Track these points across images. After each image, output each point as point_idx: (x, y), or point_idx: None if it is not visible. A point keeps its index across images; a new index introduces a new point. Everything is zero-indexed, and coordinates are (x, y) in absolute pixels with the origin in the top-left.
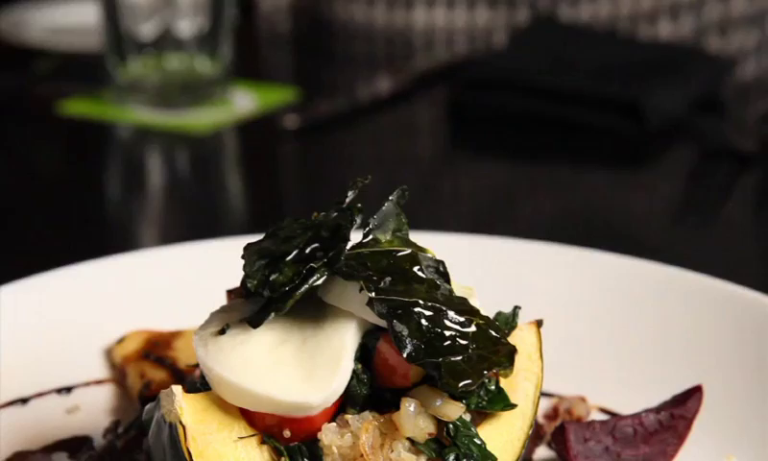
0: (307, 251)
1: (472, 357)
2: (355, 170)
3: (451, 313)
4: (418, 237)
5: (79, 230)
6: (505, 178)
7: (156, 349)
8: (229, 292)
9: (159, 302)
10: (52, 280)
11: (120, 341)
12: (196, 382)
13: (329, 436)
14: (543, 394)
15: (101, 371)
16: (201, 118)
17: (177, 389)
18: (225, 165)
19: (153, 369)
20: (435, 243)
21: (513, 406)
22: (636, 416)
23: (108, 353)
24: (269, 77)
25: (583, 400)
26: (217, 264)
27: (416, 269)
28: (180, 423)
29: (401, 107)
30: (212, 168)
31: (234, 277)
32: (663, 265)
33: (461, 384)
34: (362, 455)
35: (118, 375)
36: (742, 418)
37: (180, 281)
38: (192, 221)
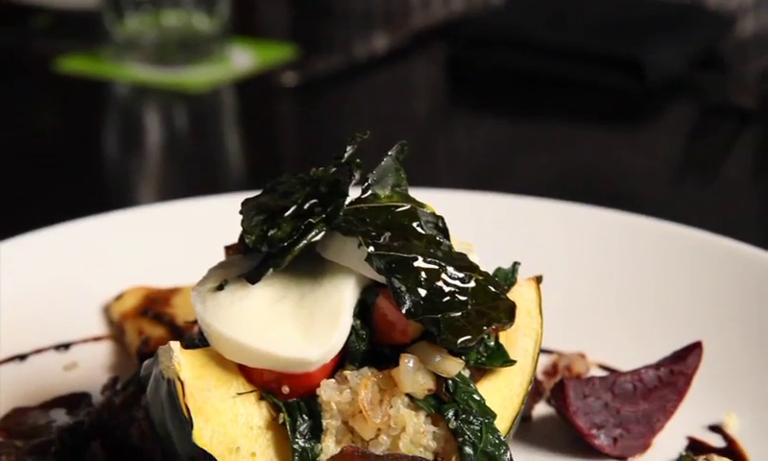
0: (306, 206)
1: (471, 313)
2: (353, 127)
3: (450, 269)
4: (416, 194)
5: (76, 187)
6: (503, 135)
7: (155, 305)
8: (228, 248)
9: (157, 258)
10: (49, 237)
11: (118, 298)
12: (194, 339)
13: (328, 392)
14: (543, 350)
15: (99, 327)
16: (198, 76)
17: (175, 345)
18: (222, 123)
19: (151, 325)
20: (434, 200)
21: (512, 362)
22: (636, 372)
23: (107, 310)
24: (266, 34)
25: (582, 356)
26: (215, 220)
27: (415, 224)
28: (179, 379)
29: (399, 64)
30: (210, 125)
31: (232, 233)
32: (663, 221)
33: (460, 340)
34: (361, 411)
35: (116, 331)
36: (742, 374)
37: (178, 238)
38: (190, 178)
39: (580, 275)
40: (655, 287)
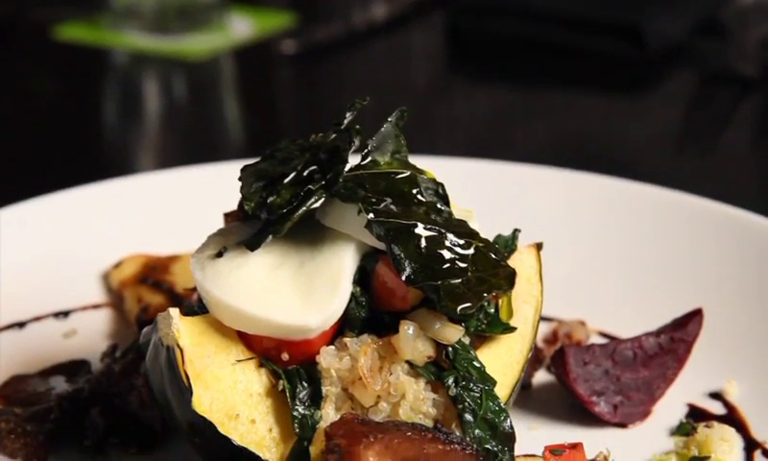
0: (305, 173)
1: (472, 280)
2: (352, 95)
3: (450, 236)
4: (416, 161)
5: (75, 155)
6: (503, 103)
7: (154, 273)
8: (227, 215)
9: (157, 226)
10: (48, 205)
11: (117, 265)
12: (193, 306)
13: (328, 359)
14: (543, 318)
15: (98, 295)
16: (197, 43)
17: (174, 312)
18: (221, 91)
19: (150, 293)
20: (433, 167)
21: (512, 329)
22: (636, 339)
23: (106, 278)
24: (265, 2)
25: (582, 323)
26: (214, 188)
27: (415, 191)
28: (178, 346)
29: (398, 32)
30: (209, 93)
31: (232, 200)
32: (664, 189)
33: (460, 307)
34: (360, 378)
35: (115, 299)
36: (742, 341)
37: (177, 205)
38: (189, 146)
39: (580, 242)
40: (655, 254)
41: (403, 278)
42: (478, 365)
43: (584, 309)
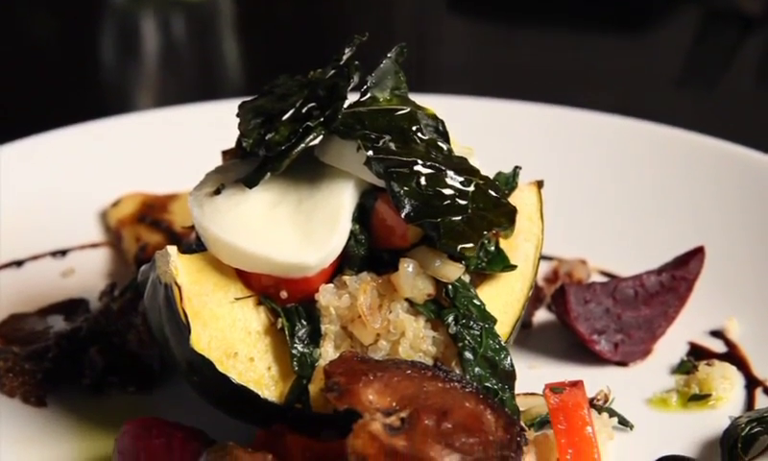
0: (304, 110)
1: (472, 217)
2: (351, 31)
3: (451, 173)
4: (415, 99)
5: (74, 94)
6: (504, 39)
7: (152, 212)
8: (225, 153)
9: (155, 164)
10: (46, 143)
11: (115, 204)
12: (191, 244)
13: (327, 297)
14: (543, 257)
15: (96, 234)
16: None
17: (172, 249)
18: (220, 28)
19: (148, 232)
20: (433, 105)
21: (513, 267)
22: (637, 277)
23: (103, 217)
24: None
25: (583, 262)
26: (213, 126)
27: (414, 128)
28: (176, 283)
29: None
30: (208, 30)
31: (230, 139)
32: (665, 126)
33: (460, 245)
34: (360, 316)
35: (113, 238)
36: (744, 280)
37: (175, 144)
38: (188, 83)
39: (581, 180)
40: (657, 192)
41: (403, 215)
42: (478, 303)
43: (584, 248)
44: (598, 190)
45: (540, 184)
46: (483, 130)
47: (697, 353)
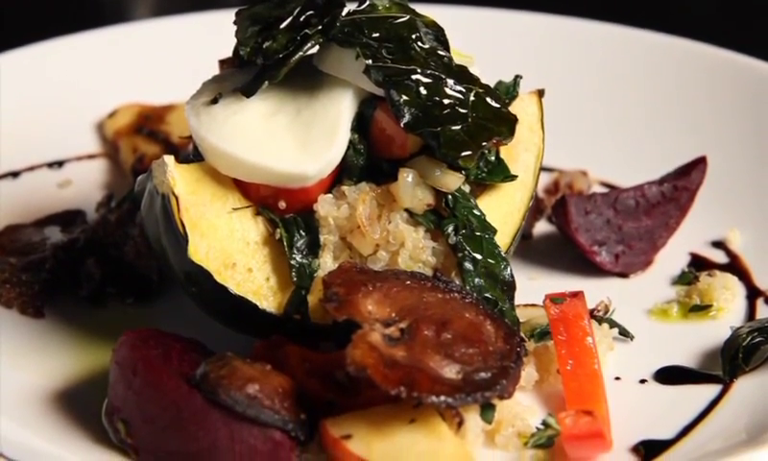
0: (302, 17)
1: (472, 126)
2: None
3: (450, 81)
4: (416, 7)
5: (70, 3)
6: None
7: (149, 122)
8: (222, 62)
9: (152, 74)
10: (41, 53)
11: (112, 115)
12: (189, 154)
13: (326, 207)
14: (544, 168)
15: (93, 145)
16: None
17: (169, 159)
18: None
19: (145, 143)
20: (433, 14)
21: (513, 177)
22: (639, 188)
23: (100, 127)
24: None
25: (584, 173)
26: (210, 36)
27: (414, 36)
28: (173, 193)
29: None
30: None
31: (227, 48)
32: (667, 35)
33: (460, 154)
34: (359, 226)
35: (110, 149)
36: (746, 190)
37: (173, 54)
38: None
39: (582, 91)
40: (658, 103)
41: (402, 124)
42: (478, 213)
43: (585, 159)
44: (599, 101)
45: (540, 94)
46: (483, 39)
47: (698, 264)
